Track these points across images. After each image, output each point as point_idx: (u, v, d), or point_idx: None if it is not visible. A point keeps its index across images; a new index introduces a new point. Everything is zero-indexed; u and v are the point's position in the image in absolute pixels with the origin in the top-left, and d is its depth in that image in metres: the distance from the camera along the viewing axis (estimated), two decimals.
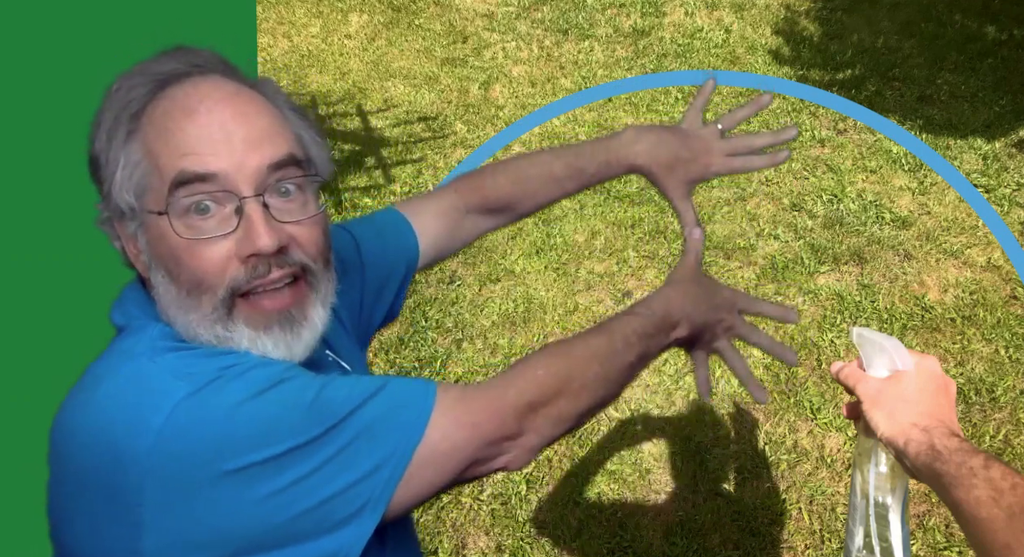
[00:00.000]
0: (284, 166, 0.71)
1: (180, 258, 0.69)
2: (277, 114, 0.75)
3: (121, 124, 0.71)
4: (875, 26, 4.71)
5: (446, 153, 3.82)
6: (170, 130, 0.69)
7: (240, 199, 0.69)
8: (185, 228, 0.68)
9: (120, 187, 0.71)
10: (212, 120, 0.69)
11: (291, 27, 4.91)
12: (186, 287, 0.70)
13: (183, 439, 0.61)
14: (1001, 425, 2.35)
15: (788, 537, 2.11)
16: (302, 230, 0.73)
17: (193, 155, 0.68)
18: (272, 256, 0.70)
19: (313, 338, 0.75)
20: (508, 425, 0.73)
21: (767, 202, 3.36)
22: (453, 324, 2.82)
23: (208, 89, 0.71)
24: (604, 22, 4.93)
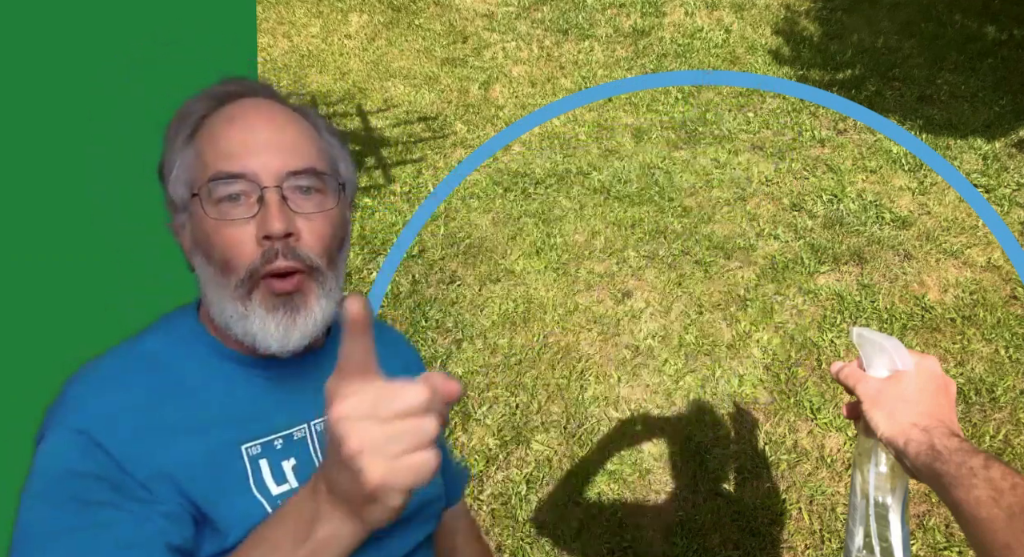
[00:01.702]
0: (303, 174, 0.82)
1: (211, 238, 0.81)
2: (310, 132, 0.87)
3: (182, 132, 0.85)
4: (875, 26, 4.71)
5: (446, 153, 3.82)
6: (215, 135, 0.83)
7: (262, 189, 0.80)
8: (216, 212, 0.80)
9: (175, 183, 0.85)
10: (248, 129, 0.82)
11: (291, 27, 4.91)
12: (218, 266, 0.81)
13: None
14: (1001, 425, 2.35)
15: (788, 537, 2.11)
16: (312, 224, 0.82)
17: (229, 156, 0.81)
18: (281, 241, 0.80)
19: (311, 327, 0.82)
20: None
21: (767, 202, 3.36)
22: (453, 324, 2.82)
23: (252, 105, 0.85)
24: (604, 22, 4.93)
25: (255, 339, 0.81)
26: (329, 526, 0.55)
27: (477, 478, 2.28)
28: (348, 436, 0.51)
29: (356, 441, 0.51)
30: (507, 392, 2.54)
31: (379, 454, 0.51)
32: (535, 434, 2.39)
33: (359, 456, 0.51)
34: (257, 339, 0.81)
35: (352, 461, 0.51)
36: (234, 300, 0.80)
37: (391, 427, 0.51)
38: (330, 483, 0.54)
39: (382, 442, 0.51)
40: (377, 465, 0.51)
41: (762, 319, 2.76)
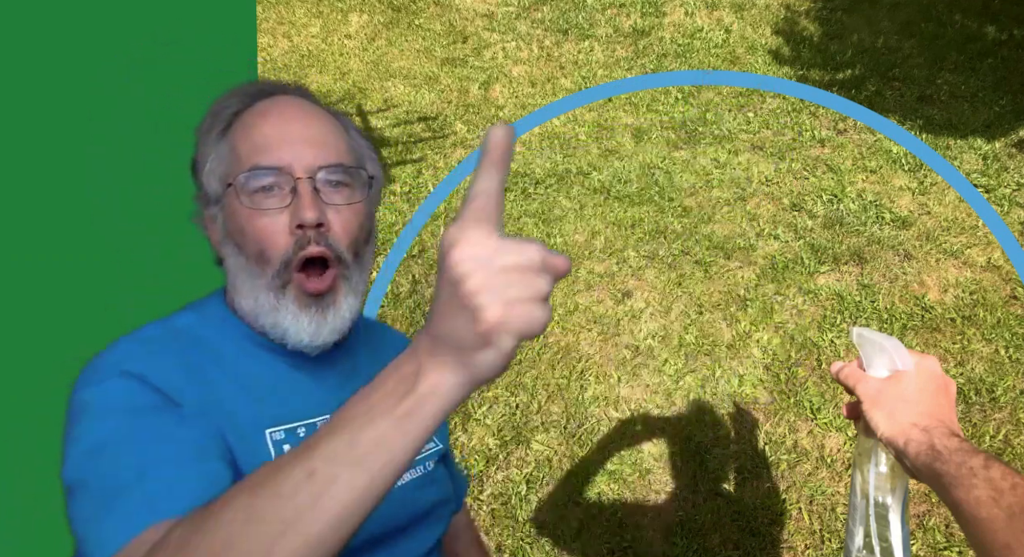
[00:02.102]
0: (335, 169, 0.85)
1: (244, 228, 0.83)
2: (339, 130, 0.90)
3: (216, 127, 0.88)
4: (875, 26, 4.71)
5: (446, 153, 3.82)
6: (249, 129, 0.85)
7: (295, 180, 0.83)
8: (251, 202, 0.83)
9: (209, 176, 0.87)
10: (281, 122, 0.85)
11: (291, 27, 4.91)
12: (251, 256, 0.83)
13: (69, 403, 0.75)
14: (1001, 425, 2.35)
15: (788, 537, 2.11)
16: (341, 216, 0.85)
17: (264, 150, 0.83)
18: (313, 230, 0.82)
19: (340, 323, 0.85)
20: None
21: (767, 202, 3.36)
22: None
23: (285, 102, 0.88)
24: (604, 22, 4.93)
25: (286, 333, 0.83)
26: (434, 377, 0.51)
27: (477, 478, 2.28)
28: (469, 276, 0.49)
29: (477, 281, 0.49)
30: (507, 392, 2.54)
31: (498, 294, 0.49)
32: (535, 434, 2.39)
33: (479, 294, 0.49)
34: (288, 333, 0.83)
35: (472, 298, 0.49)
36: (268, 290, 0.83)
37: (510, 276, 0.50)
38: (439, 331, 0.51)
39: (501, 285, 0.50)
40: (496, 304, 0.49)
41: (762, 319, 2.76)
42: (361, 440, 0.50)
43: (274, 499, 0.50)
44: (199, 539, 0.51)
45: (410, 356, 0.52)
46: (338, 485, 0.50)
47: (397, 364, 0.53)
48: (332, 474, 0.50)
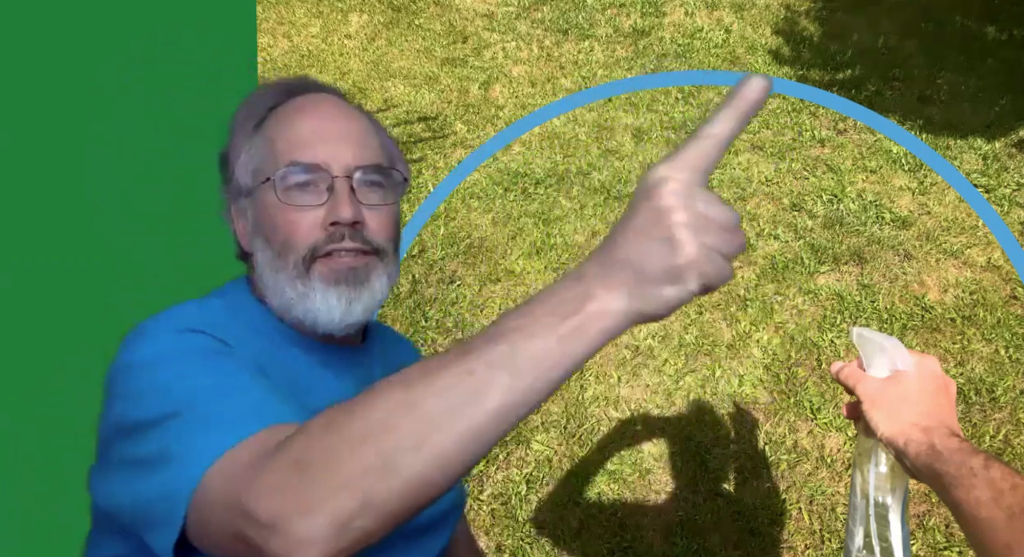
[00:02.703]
0: (371, 169, 0.86)
1: (276, 222, 0.83)
2: (374, 131, 0.90)
3: (251, 120, 0.88)
4: (875, 26, 4.71)
5: (446, 153, 3.82)
6: (286, 124, 0.85)
7: (332, 178, 0.83)
8: (286, 198, 0.83)
9: (241, 169, 0.87)
10: (320, 119, 0.85)
11: (291, 27, 4.91)
12: (278, 248, 0.83)
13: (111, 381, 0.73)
14: (1001, 425, 2.35)
15: (788, 537, 2.11)
16: (376, 215, 0.85)
17: (303, 146, 0.83)
18: (348, 227, 0.82)
19: (371, 301, 0.84)
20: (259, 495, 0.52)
21: (767, 202, 3.36)
22: (453, 324, 2.82)
23: (322, 99, 0.88)
24: (604, 22, 4.93)
25: (316, 316, 0.82)
26: (603, 300, 0.49)
27: (477, 478, 2.28)
28: (678, 209, 0.49)
29: (685, 216, 0.49)
30: None
31: (700, 236, 0.49)
32: (535, 434, 2.39)
33: (684, 228, 0.49)
34: (319, 315, 0.82)
35: (675, 230, 0.48)
36: (292, 280, 0.82)
37: (712, 225, 0.50)
38: (622, 255, 0.50)
39: (704, 229, 0.49)
40: (695, 244, 0.48)
41: (762, 319, 2.76)
42: (521, 351, 0.49)
43: (431, 392, 0.50)
44: (349, 421, 0.51)
45: (576, 279, 0.51)
46: (496, 387, 0.49)
47: (560, 285, 0.52)
48: (490, 377, 0.49)
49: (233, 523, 0.54)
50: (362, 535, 0.50)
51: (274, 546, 0.50)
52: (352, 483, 0.49)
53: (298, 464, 0.51)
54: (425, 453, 0.49)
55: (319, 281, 0.82)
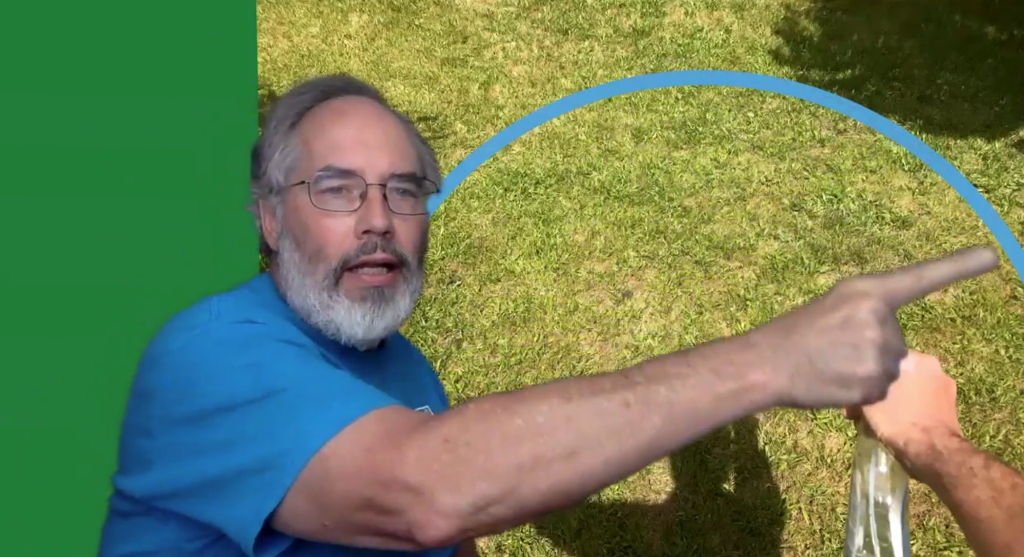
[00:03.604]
0: (405, 178, 0.86)
1: (309, 227, 0.83)
2: (409, 138, 0.90)
3: (287, 119, 0.87)
4: (875, 26, 4.71)
5: (446, 153, 3.82)
6: (324, 126, 0.85)
7: (367, 185, 0.83)
8: (319, 201, 0.83)
9: (275, 167, 0.86)
10: (358, 124, 0.85)
11: (291, 27, 4.91)
12: (308, 254, 0.83)
13: (177, 367, 0.71)
14: (1001, 425, 2.35)
15: (788, 537, 2.11)
16: (406, 225, 0.85)
17: (340, 151, 0.83)
18: (380, 236, 0.82)
19: (394, 320, 0.85)
20: (406, 465, 0.55)
21: (767, 202, 3.36)
22: (453, 324, 2.82)
23: (360, 102, 0.88)
24: (604, 22, 4.93)
25: (339, 328, 0.82)
26: (767, 377, 0.52)
27: None
28: (874, 326, 0.53)
29: (879, 335, 0.53)
30: None
31: (882, 356, 0.53)
32: None
33: (873, 345, 0.53)
34: (342, 328, 0.82)
35: (866, 344, 0.52)
36: (319, 290, 0.82)
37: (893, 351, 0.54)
38: (807, 345, 0.53)
39: (886, 352, 0.53)
40: (878, 363, 0.52)
41: (762, 319, 2.76)
42: (678, 399, 0.52)
43: (590, 412, 0.53)
44: (509, 417, 0.53)
45: (746, 345, 0.54)
46: (649, 426, 0.52)
47: (729, 345, 0.54)
48: (646, 415, 0.52)
49: (364, 491, 0.56)
50: (493, 522, 0.53)
51: (415, 513, 0.53)
52: (501, 474, 0.52)
53: (452, 444, 0.54)
54: (574, 465, 0.52)
55: (345, 296, 0.82)
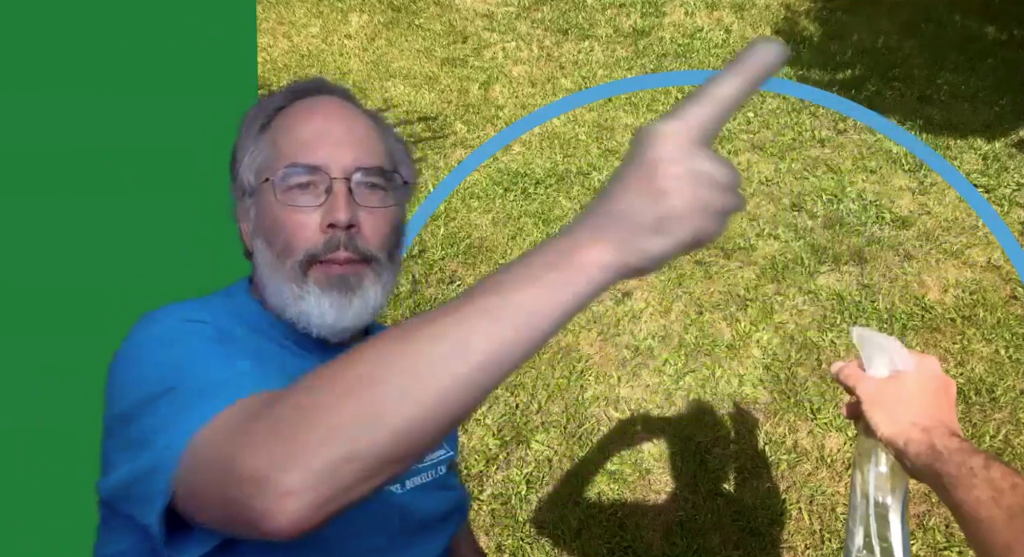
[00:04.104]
0: (372, 172, 0.86)
1: (276, 223, 0.84)
2: (378, 133, 0.91)
3: (258, 121, 0.89)
4: (875, 26, 4.71)
5: (446, 153, 3.82)
6: (291, 125, 0.87)
7: (331, 179, 0.83)
8: (286, 198, 0.84)
9: (246, 169, 0.88)
10: (324, 120, 0.86)
11: (291, 27, 4.91)
12: (277, 250, 0.84)
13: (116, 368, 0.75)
14: (1001, 425, 2.35)
15: (788, 537, 2.11)
16: (373, 219, 0.86)
17: (305, 148, 0.84)
18: (344, 230, 0.83)
19: (364, 309, 0.85)
20: (244, 452, 0.52)
21: (767, 202, 3.36)
22: None
23: (328, 102, 0.89)
24: (604, 22, 4.93)
25: (310, 319, 0.83)
26: (592, 253, 0.49)
27: (477, 478, 2.28)
28: (671, 162, 0.49)
29: (677, 169, 0.49)
30: (507, 392, 2.54)
31: (692, 188, 0.49)
32: (535, 434, 2.39)
33: (675, 180, 0.49)
34: (312, 318, 0.83)
35: (666, 180, 0.49)
36: (289, 281, 0.83)
37: (706, 179, 0.50)
38: (613, 207, 0.50)
39: (696, 183, 0.49)
40: (686, 195, 0.49)
41: (762, 319, 2.76)
42: (510, 301, 0.49)
43: (420, 342, 0.50)
44: (333, 377, 0.51)
45: (567, 233, 0.51)
46: (482, 336, 0.49)
47: (553, 239, 0.51)
48: (477, 326, 0.49)
49: (219, 486, 0.54)
50: (350, 483, 0.49)
51: (257, 503, 0.50)
52: (335, 434, 0.49)
53: (280, 421, 0.51)
54: (411, 403, 0.48)
55: (315, 284, 0.83)
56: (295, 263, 0.83)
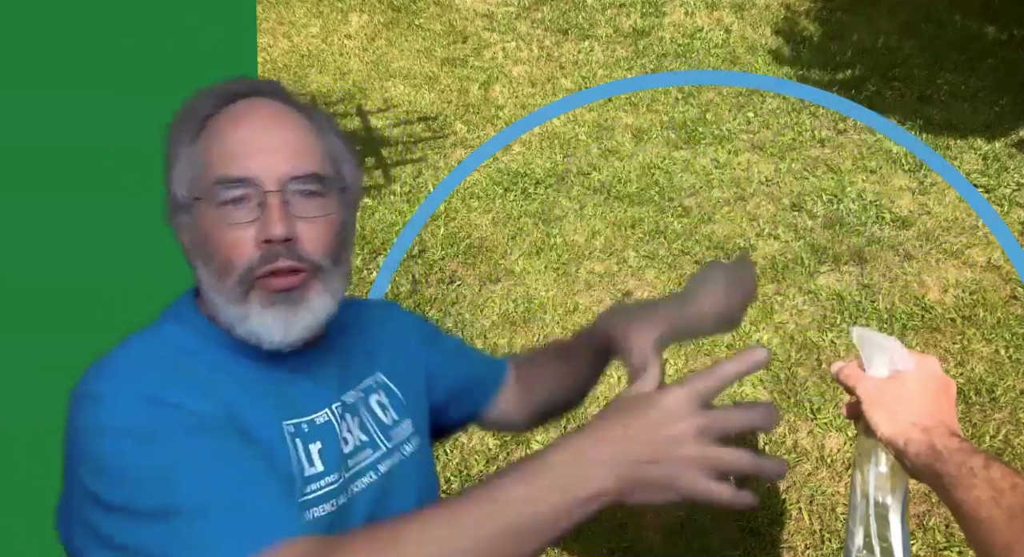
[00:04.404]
0: (308, 179, 0.82)
1: (212, 241, 0.80)
2: (314, 133, 0.86)
3: (187, 130, 0.84)
4: (875, 26, 4.71)
5: (446, 153, 3.82)
6: (219, 136, 0.82)
7: (264, 192, 0.80)
8: (219, 215, 0.80)
9: (177, 182, 0.84)
10: (253, 131, 0.82)
11: (291, 27, 4.91)
12: (217, 269, 0.81)
13: (86, 446, 0.72)
14: (1001, 425, 2.35)
15: (788, 537, 2.11)
16: (313, 228, 0.82)
17: (233, 160, 0.80)
18: (282, 244, 0.79)
19: (313, 320, 0.83)
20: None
21: (767, 202, 3.36)
22: (453, 324, 2.82)
23: (258, 106, 0.84)
24: (604, 22, 4.93)
25: (259, 337, 0.81)
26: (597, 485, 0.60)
27: (477, 478, 2.28)
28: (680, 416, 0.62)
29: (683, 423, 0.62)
30: None
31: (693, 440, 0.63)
32: (535, 434, 2.39)
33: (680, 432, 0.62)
34: (260, 336, 0.81)
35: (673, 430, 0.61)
36: (230, 302, 0.80)
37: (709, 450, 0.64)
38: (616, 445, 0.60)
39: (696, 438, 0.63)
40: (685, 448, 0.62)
41: (762, 319, 2.76)
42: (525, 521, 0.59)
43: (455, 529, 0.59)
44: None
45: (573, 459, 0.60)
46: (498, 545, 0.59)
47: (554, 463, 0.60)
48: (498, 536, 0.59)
49: None
50: None
51: None
52: None
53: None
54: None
55: (256, 304, 0.80)
56: (235, 282, 0.80)
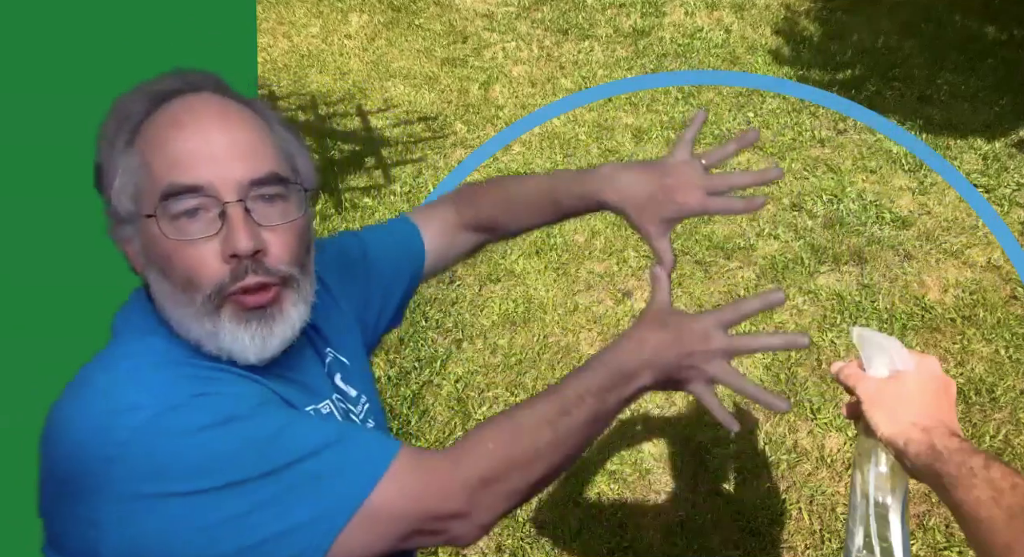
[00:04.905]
0: (266, 182, 0.77)
1: (171, 258, 0.75)
2: (264, 129, 0.80)
3: (121, 135, 0.77)
4: (875, 26, 4.71)
5: (446, 153, 3.82)
6: (162, 142, 0.75)
7: (223, 204, 0.74)
8: (175, 231, 0.74)
9: (119, 193, 0.77)
10: (200, 133, 0.75)
11: (291, 27, 4.91)
12: (179, 285, 0.75)
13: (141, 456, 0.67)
14: (1001, 425, 2.35)
15: (788, 537, 2.11)
16: (279, 236, 0.77)
17: (182, 166, 0.74)
18: (250, 258, 0.75)
19: (290, 331, 0.80)
20: (454, 502, 0.74)
21: (767, 202, 3.36)
22: (453, 324, 2.82)
23: (199, 104, 0.77)
24: (604, 22, 4.93)
25: (231, 354, 0.76)
26: (643, 382, 0.81)
27: None
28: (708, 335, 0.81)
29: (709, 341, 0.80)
30: (507, 392, 2.54)
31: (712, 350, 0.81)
32: None
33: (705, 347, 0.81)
34: (234, 354, 0.76)
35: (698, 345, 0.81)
36: (200, 318, 0.75)
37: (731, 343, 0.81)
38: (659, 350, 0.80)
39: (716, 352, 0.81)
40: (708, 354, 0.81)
41: (762, 319, 2.76)
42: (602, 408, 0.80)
43: (563, 432, 0.78)
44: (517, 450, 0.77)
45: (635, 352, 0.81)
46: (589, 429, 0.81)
47: (619, 358, 0.81)
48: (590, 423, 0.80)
49: (414, 525, 0.73)
50: (513, 507, 0.79)
51: (460, 529, 0.75)
52: (521, 492, 0.78)
53: (487, 480, 0.75)
54: (556, 466, 0.80)
55: (228, 321, 0.75)
56: (204, 298, 0.74)
